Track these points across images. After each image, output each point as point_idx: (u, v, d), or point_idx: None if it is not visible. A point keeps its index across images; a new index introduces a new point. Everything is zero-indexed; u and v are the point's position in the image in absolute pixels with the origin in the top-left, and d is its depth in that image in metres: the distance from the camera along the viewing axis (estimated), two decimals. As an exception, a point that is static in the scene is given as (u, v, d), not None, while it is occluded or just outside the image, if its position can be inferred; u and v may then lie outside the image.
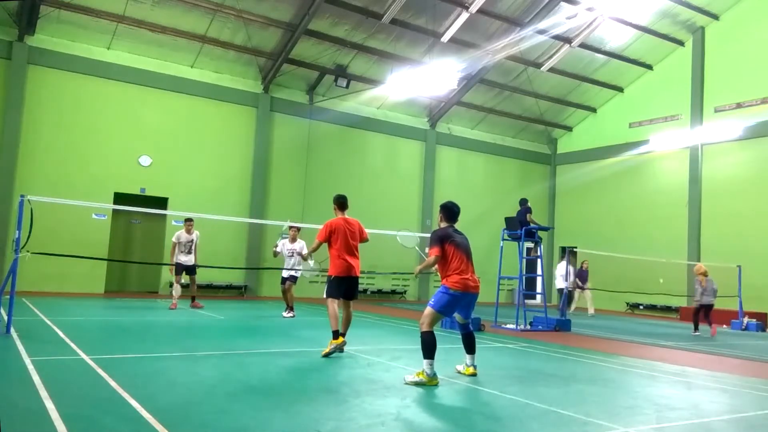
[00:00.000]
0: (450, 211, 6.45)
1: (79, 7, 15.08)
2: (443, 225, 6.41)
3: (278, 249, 12.00)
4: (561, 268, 16.53)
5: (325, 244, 7.53)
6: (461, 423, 4.40)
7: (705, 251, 19.28)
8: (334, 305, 7.45)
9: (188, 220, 12.80)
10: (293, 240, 12.18)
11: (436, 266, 6.20)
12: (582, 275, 17.77)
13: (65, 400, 4.38)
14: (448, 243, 6.13)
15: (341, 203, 7.80)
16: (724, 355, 9.64)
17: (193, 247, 12.75)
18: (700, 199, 19.67)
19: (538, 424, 4.49)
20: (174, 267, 12.60)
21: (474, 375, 6.26)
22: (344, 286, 7.44)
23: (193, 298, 12.94)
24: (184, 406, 4.49)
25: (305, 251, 11.43)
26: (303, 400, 4.85)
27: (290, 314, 11.97)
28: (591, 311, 17.67)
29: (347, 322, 7.53)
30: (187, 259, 12.63)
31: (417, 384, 5.66)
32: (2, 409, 4.05)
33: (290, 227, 12.26)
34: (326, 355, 7.10)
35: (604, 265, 18.86)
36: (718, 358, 9.25)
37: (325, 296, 7.59)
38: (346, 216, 7.69)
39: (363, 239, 7.72)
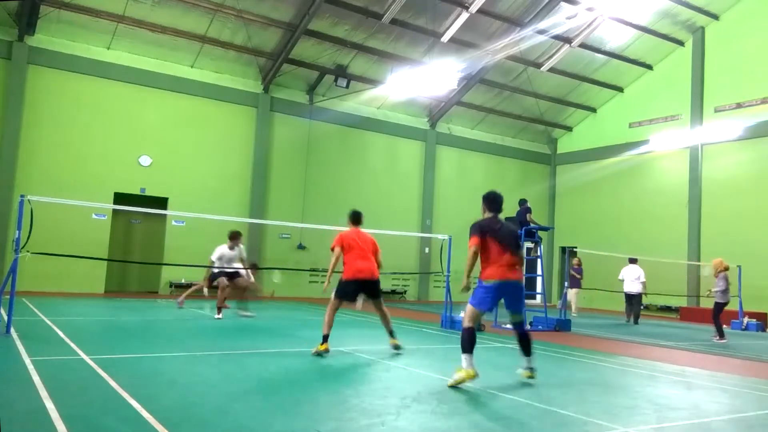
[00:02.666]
0: (492, 201, 6.22)
1: (79, 7, 15.08)
2: (487, 216, 6.19)
3: (214, 257, 11.43)
4: (632, 271, 15.74)
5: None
6: (461, 423, 4.40)
7: (705, 251, 19.27)
8: (332, 310, 7.50)
9: (233, 238, 11.44)
10: (232, 249, 11.51)
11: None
12: (572, 275, 17.33)
13: (65, 400, 4.38)
14: (489, 235, 5.95)
15: (354, 218, 8.01)
16: (724, 355, 9.64)
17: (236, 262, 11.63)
18: (700, 199, 19.67)
19: (538, 424, 4.49)
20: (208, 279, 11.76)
21: (531, 378, 6.02)
22: (353, 288, 7.56)
23: (219, 309, 11.41)
24: (184, 406, 4.49)
25: (244, 254, 11.80)
26: (303, 400, 4.85)
27: (220, 316, 11.20)
28: (573, 310, 17.31)
29: (386, 322, 7.82)
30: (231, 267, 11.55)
31: (459, 383, 5.59)
32: (2, 409, 4.05)
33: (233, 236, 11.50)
34: (317, 354, 7.14)
35: (605, 265, 18.83)
36: (718, 358, 9.25)
37: (331, 296, 7.65)
38: (360, 230, 7.92)
39: (375, 254, 7.84)
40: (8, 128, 14.87)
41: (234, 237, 11.41)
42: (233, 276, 11.44)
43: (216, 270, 11.46)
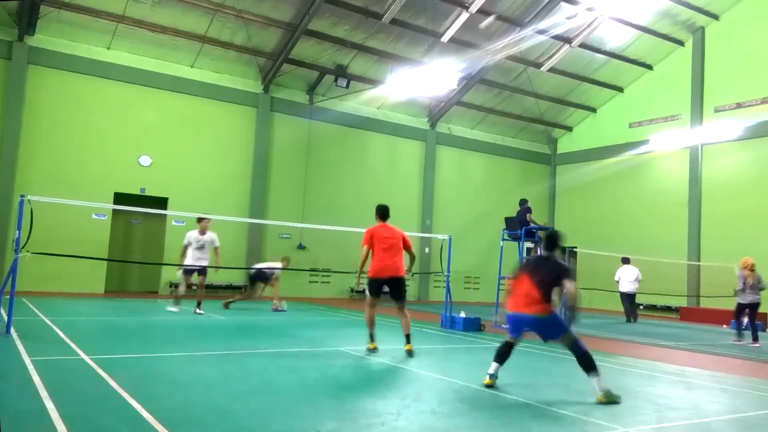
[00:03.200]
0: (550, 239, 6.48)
1: (79, 7, 15.08)
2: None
3: (187, 241, 11.64)
4: (629, 271, 16.04)
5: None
6: (461, 423, 4.40)
7: (705, 251, 19.28)
8: (371, 310, 7.64)
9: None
10: (203, 232, 11.65)
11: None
12: None
13: (65, 400, 4.38)
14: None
15: (381, 213, 7.92)
16: (724, 355, 9.64)
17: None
18: (700, 199, 19.67)
19: (538, 424, 4.49)
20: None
21: (612, 402, 5.32)
22: (378, 285, 7.57)
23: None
24: (184, 406, 4.49)
25: (217, 243, 11.78)
26: (303, 400, 4.86)
27: (176, 308, 11.71)
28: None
29: (406, 327, 7.62)
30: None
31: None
32: (2, 409, 4.05)
33: (200, 219, 11.72)
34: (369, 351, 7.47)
35: (604, 265, 18.83)
36: (718, 358, 9.25)
37: (367, 294, 7.84)
38: (387, 224, 7.84)
39: (406, 248, 7.82)
40: (8, 128, 14.86)
41: (200, 221, 11.63)
42: (198, 272, 11.71)
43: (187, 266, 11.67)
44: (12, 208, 13.91)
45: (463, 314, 11.32)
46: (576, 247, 17.67)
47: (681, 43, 20.81)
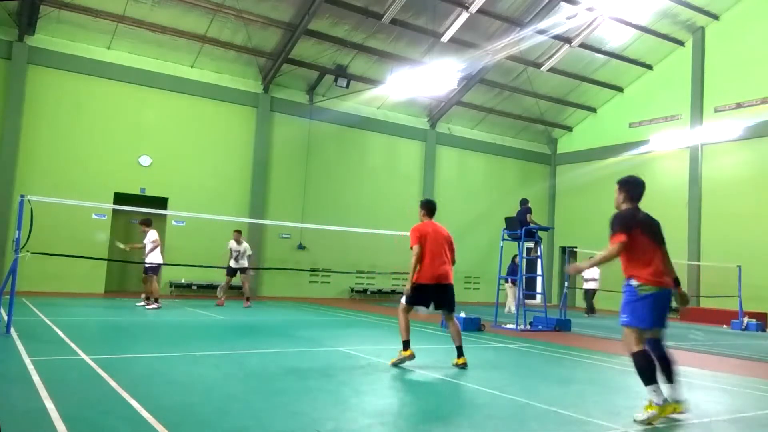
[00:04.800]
0: (636, 187, 5.20)
1: (79, 7, 15.08)
2: (625, 207, 5.23)
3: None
4: (590, 272, 17.60)
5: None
6: (461, 423, 4.40)
7: (705, 251, 19.29)
8: (405, 315, 6.79)
9: (236, 231, 13.91)
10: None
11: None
12: (514, 270, 16.89)
13: (65, 400, 4.38)
14: (636, 228, 4.99)
15: (430, 208, 7.17)
16: (724, 355, 9.64)
17: (239, 257, 13.85)
18: (700, 199, 19.67)
19: (538, 424, 4.49)
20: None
21: (682, 413, 4.79)
22: (428, 294, 6.81)
23: (247, 299, 13.92)
24: (184, 406, 4.49)
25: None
26: (303, 400, 4.85)
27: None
28: (511, 308, 16.89)
29: (457, 336, 6.86)
30: (237, 265, 13.85)
31: (650, 419, 4.57)
32: (2, 409, 4.05)
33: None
34: (394, 365, 6.62)
35: (604, 265, 18.83)
36: (718, 358, 9.25)
37: (403, 302, 6.85)
38: (434, 222, 7.15)
39: (452, 253, 7.14)
40: (8, 128, 14.87)
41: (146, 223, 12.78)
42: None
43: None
44: (12, 208, 13.91)
45: (463, 314, 11.31)
46: (576, 247, 17.67)
47: (681, 43, 20.82)
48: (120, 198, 15.86)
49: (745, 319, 15.50)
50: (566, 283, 14.36)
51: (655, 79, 21.82)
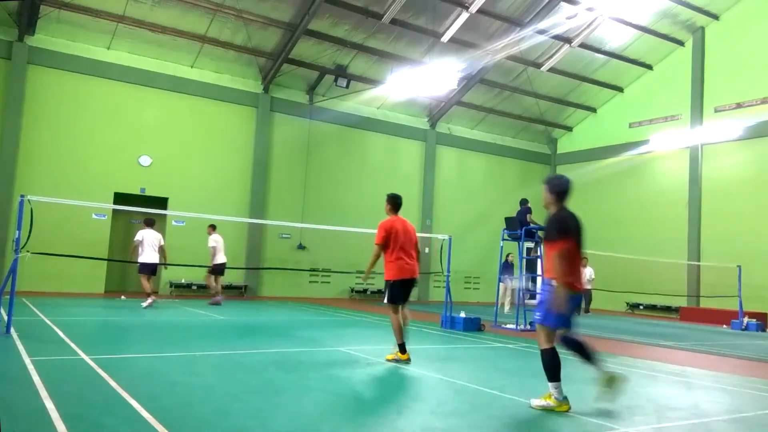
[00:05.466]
0: (565, 188, 5.20)
1: (79, 7, 15.09)
2: (554, 207, 5.19)
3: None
4: (585, 271, 17.52)
5: None
6: (461, 423, 4.40)
7: (705, 251, 19.28)
8: (397, 317, 6.89)
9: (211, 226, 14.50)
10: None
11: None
12: (508, 269, 16.49)
13: (65, 400, 4.38)
14: (571, 234, 5.01)
15: (396, 203, 7.24)
16: (724, 355, 9.64)
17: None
18: (700, 199, 19.67)
19: (538, 424, 4.49)
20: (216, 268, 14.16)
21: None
22: (405, 288, 6.97)
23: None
24: (184, 406, 4.49)
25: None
26: (303, 400, 4.85)
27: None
28: (507, 308, 16.83)
29: (405, 320, 7.09)
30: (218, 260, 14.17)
31: (543, 408, 4.90)
32: (2, 409, 4.05)
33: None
34: (389, 360, 6.86)
35: (604, 265, 18.86)
36: (718, 358, 9.25)
37: (386, 302, 7.00)
38: (401, 217, 7.21)
39: (416, 248, 7.20)
40: (8, 128, 14.86)
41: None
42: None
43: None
44: (12, 208, 13.92)
45: (463, 314, 11.32)
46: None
47: (681, 43, 20.82)
48: (120, 198, 15.86)
49: (745, 319, 15.50)
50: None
51: (655, 79, 21.82)
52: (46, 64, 15.45)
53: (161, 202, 16.55)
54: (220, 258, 14.07)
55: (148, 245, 12.48)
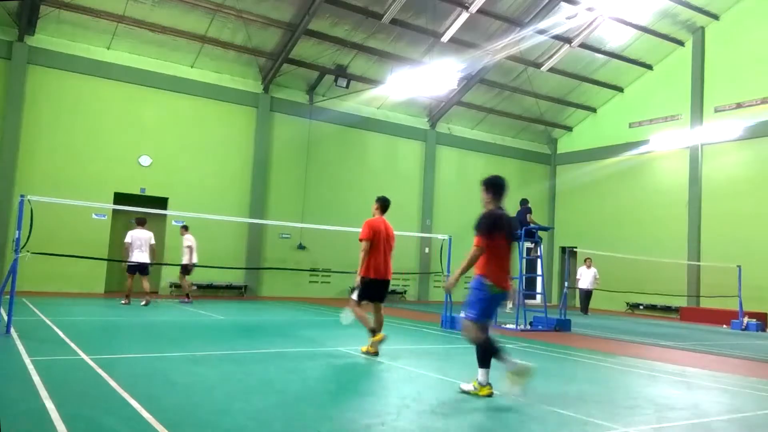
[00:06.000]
0: (499, 187, 5.53)
1: (79, 7, 15.09)
2: (491, 206, 5.47)
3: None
4: (588, 272, 18.41)
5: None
6: (461, 423, 4.40)
7: (705, 251, 19.28)
8: (360, 309, 7.22)
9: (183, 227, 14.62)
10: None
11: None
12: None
13: (65, 400, 4.38)
14: (498, 231, 5.27)
15: (385, 206, 7.48)
16: (724, 355, 9.64)
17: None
18: (700, 199, 19.67)
19: (538, 424, 4.49)
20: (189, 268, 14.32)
21: (490, 395, 5.26)
22: (377, 289, 7.25)
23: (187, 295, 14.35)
24: (184, 406, 4.49)
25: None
26: (303, 400, 4.85)
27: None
28: (509, 306, 16.86)
29: (380, 324, 7.38)
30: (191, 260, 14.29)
31: (470, 392, 5.24)
32: (2, 409, 4.05)
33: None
34: (367, 353, 7.17)
35: (604, 265, 18.86)
36: (718, 358, 9.25)
37: (355, 299, 7.27)
38: (385, 219, 7.45)
39: (392, 249, 7.46)
40: (8, 128, 14.87)
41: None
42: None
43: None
44: (12, 208, 13.92)
45: (463, 314, 11.31)
46: (576, 247, 17.67)
47: (681, 43, 20.82)
48: (120, 198, 15.86)
49: (745, 319, 15.50)
50: (566, 283, 14.35)
51: (655, 79, 21.82)
52: (46, 64, 15.45)
53: (161, 202, 16.54)
54: (195, 258, 14.11)
55: (137, 245, 12.61)
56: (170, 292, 16.72)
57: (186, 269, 14.12)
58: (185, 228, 14.39)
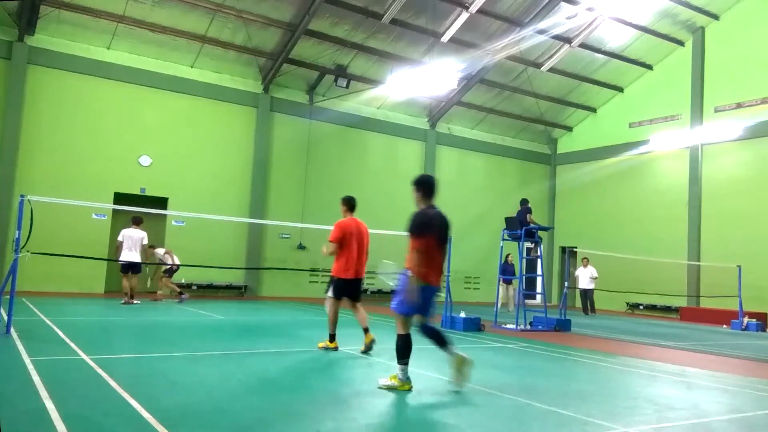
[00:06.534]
0: (430, 187, 5.63)
1: (79, 7, 15.08)
2: (423, 205, 5.62)
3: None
4: (587, 271, 18.60)
5: None
6: (461, 423, 4.40)
7: (705, 251, 19.29)
8: (336, 307, 7.54)
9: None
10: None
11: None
12: (507, 270, 16.27)
13: (65, 400, 4.38)
14: (428, 231, 5.43)
15: (352, 205, 7.69)
16: (724, 355, 9.64)
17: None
18: (700, 199, 19.67)
19: (538, 424, 4.49)
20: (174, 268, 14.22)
21: (410, 390, 5.40)
22: (350, 288, 7.49)
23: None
24: (184, 406, 4.49)
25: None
26: (303, 400, 4.85)
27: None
28: (511, 307, 16.74)
29: (364, 320, 7.58)
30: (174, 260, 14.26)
31: (389, 387, 5.33)
32: (2, 409, 4.05)
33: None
34: (325, 348, 7.55)
35: (604, 265, 18.86)
36: (718, 358, 9.25)
37: (331, 295, 7.62)
38: (356, 218, 7.64)
39: (367, 248, 7.65)
40: (8, 128, 14.86)
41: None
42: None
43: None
44: (12, 208, 13.92)
45: (463, 314, 11.32)
46: (576, 247, 17.67)
47: (681, 43, 20.82)
48: (120, 198, 15.86)
49: (745, 319, 15.51)
50: (566, 283, 14.36)
51: (655, 79, 21.82)
52: (46, 64, 15.44)
53: (161, 202, 16.54)
54: (177, 259, 14.14)
55: (128, 245, 12.69)
56: (170, 292, 16.70)
57: (170, 271, 14.21)
58: (152, 247, 13.87)
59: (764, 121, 18.33)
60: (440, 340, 5.62)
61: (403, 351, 5.44)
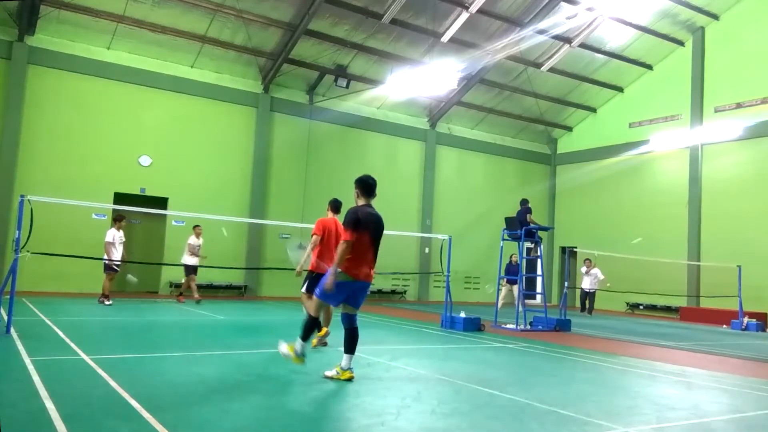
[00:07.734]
0: (368, 186, 6.09)
1: (79, 7, 15.08)
2: (361, 202, 6.07)
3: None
4: (592, 271, 18.55)
5: None
6: (461, 423, 4.40)
7: (705, 251, 19.29)
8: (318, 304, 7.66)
9: (197, 226, 14.50)
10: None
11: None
12: (512, 270, 16.06)
13: (65, 400, 4.38)
14: (362, 227, 5.76)
15: (337, 206, 8.21)
16: (724, 355, 9.64)
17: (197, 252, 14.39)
18: (700, 199, 19.67)
19: (538, 424, 4.49)
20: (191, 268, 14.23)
21: (351, 379, 5.68)
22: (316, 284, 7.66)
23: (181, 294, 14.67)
24: (184, 406, 4.49)
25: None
26: (303, 400, 4.85)
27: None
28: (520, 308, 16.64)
29: (328, 320, 7.91)
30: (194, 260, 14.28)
31: (285, 357, 5.81)
32: (2, 409, 4.05)
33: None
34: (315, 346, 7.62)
35: (604, 265, 18.85)
36: (718, 358, 9.25)
37: (303, 290, 7.99)
38: (338, 219, 7.97)
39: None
40: (8, 128, 14.86)
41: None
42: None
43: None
44: (12, 208, 13.91)
45: (463, 314, 11.32)
46: (576, 247, 17.67)
47: (681, 43, 20.82)
48: (120, 198, 15.86)
49: (745, 319, 15.51)
50: (566, 284, 14.35)
51: (655, 79, 21.81)
52: (46, 64, 15.44)
53: (161, 202, 16.54)
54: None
55: (117, 245, 12.83)
56: (170, 292, 16.72)
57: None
58: (199, 227, 14.49)
59: (764, 121, 18.32)
60: (351, 342, 5.84)
61: (309, 331, 5.85)
